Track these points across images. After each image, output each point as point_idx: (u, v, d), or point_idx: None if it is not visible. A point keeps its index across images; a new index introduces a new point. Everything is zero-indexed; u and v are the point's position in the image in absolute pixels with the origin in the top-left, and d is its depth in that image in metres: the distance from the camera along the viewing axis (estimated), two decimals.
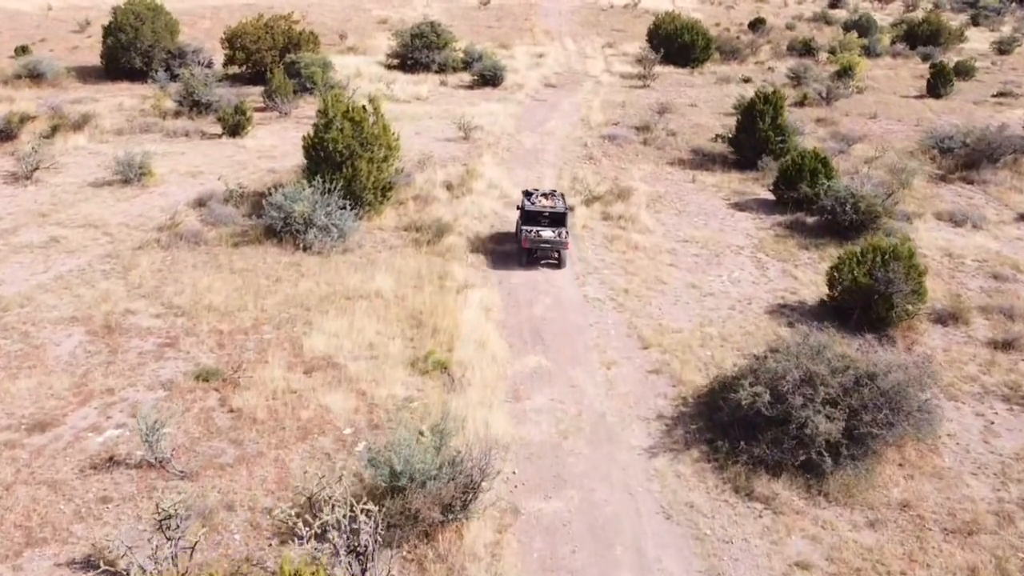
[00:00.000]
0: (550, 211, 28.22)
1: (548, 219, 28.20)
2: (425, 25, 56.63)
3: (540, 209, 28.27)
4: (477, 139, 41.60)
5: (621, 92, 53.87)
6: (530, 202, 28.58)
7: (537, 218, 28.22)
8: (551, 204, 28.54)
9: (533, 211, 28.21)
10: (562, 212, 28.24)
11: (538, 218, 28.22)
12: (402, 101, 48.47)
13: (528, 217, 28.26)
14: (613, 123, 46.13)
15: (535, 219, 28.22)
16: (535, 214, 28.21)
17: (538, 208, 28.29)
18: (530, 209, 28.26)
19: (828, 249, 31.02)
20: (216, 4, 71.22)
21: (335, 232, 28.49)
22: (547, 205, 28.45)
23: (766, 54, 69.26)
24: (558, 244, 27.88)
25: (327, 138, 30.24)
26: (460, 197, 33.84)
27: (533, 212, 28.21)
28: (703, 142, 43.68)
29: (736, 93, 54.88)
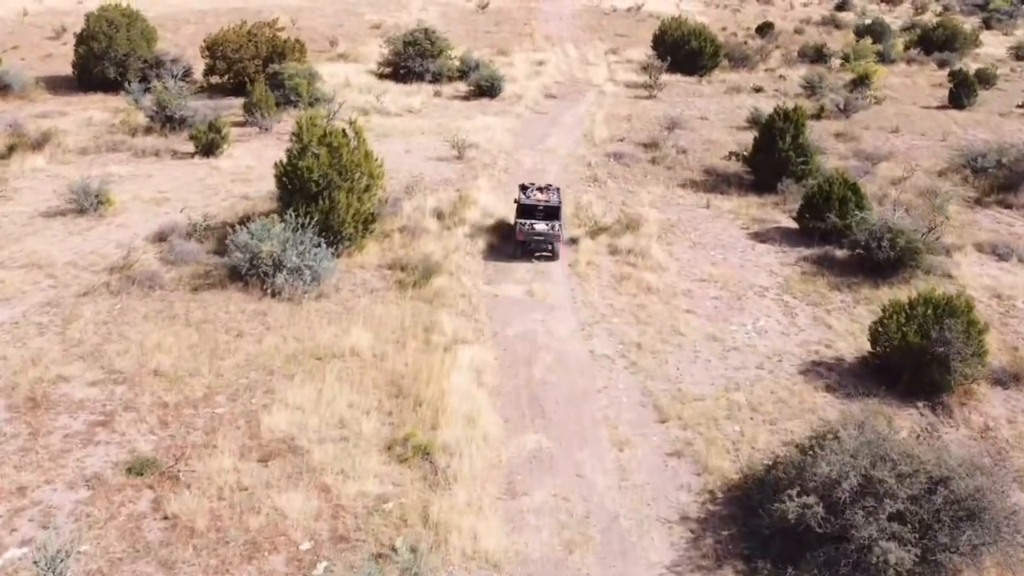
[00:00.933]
0: (544, 205, 28.75)
1: (543, 212, 28.67)
2: (419, 32, 52.95)
3: (535, 203, 28.79)
4: (472, 158, 37.95)
5: (626, 103, 50.20)
6: (526, 196, 29.10)
7: (532, 211, 28.70)
8: (545, 198, 29.03)
9: (528, 204, 28.80)
10: (556, 206, 28.82)
11: (533, 211, 28.70)
12: (393, 115, 44.81)
13: (523, 210, 28.76)
14: (619, 139, 42.47)
15: (530, 212, 28.70)
16: (530, 207, 28.76)
17: (533, 202, 28.82)
18: (525, 203, 28.85)
19: (863, 290, 27.41)
20: (203, 8, 67.54)
21: (308, 275, 24.87)
22: (542, 199, 28.96)
23: (776, 61, 65.54)
24: (551, 237, 28.32)
25: (301, 166, 26.61)
26: (452, 228, 30.21)
27: (528, 205, 28.79)
28: (716, 160, 40.02)
29: (748, 104, 51.25)
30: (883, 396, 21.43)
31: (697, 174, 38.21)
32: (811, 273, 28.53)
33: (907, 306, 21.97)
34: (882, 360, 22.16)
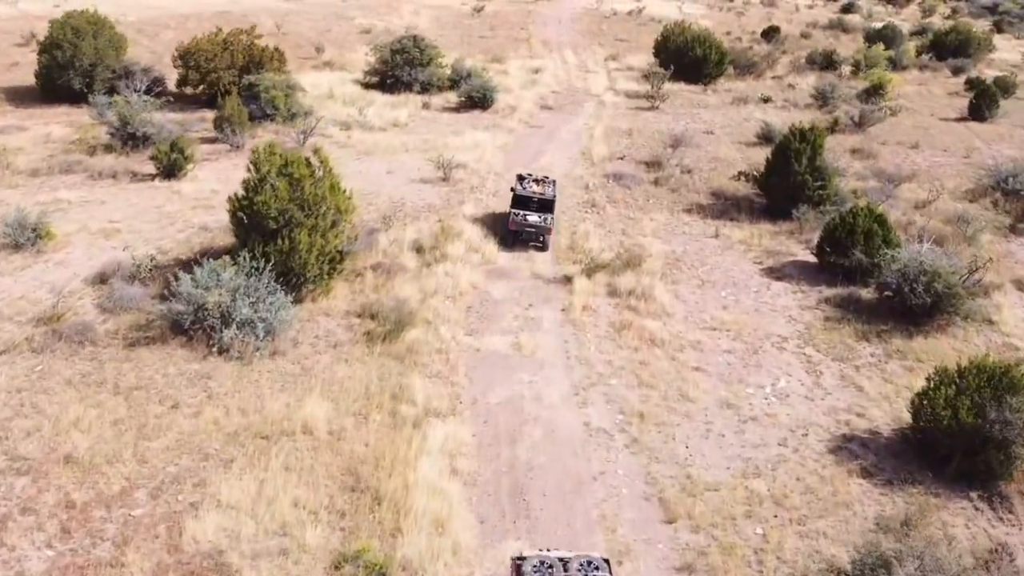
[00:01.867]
0: (539, 197, 28.62)
1: (537, 204, 28.53)
2: (407, 39, 49.39)
3: (530, 194, 28.67)
4: (458, 180, 34.44)
5: (627, 116, 46.67)
6: (522, 187, 29.00)
7: (527, 203, 28.55)
8: (540, 191, 28.87)
9: (523, 195, 28.67)
10: (550, 199, 28.70)
11: (528, 203, 28.55)
12: (376, 129, 41.30)
13: (518, 201, 28.60)
14: (619, 157, 38.95)
15: (525, 203, 28.56)
16: (525, 198, 28.62)
17: (528, 193, 28.71)
18: (520, 194, 28.72)
19: (894, 340, 23.94)
20: (187, 12, 64.07)
21: (261, 328, 21.41)
22: (537, 191, 28.82)
23: (784, 68, 61.97)
24: (543, 229, 28.29)
25: (257, 201, 23.17)
26: (432, 265, 26.74)
27: (523, 196, 28.65)
28: (724, 181, 36.52)
29: (757, 116, 47.73)
30: (929, 483, 18.01)
31: (704, 197, 34.71)
32: (835, 319, 25.06)
33: (956, 376, 18.52)
34: (925, 436, 18.72)
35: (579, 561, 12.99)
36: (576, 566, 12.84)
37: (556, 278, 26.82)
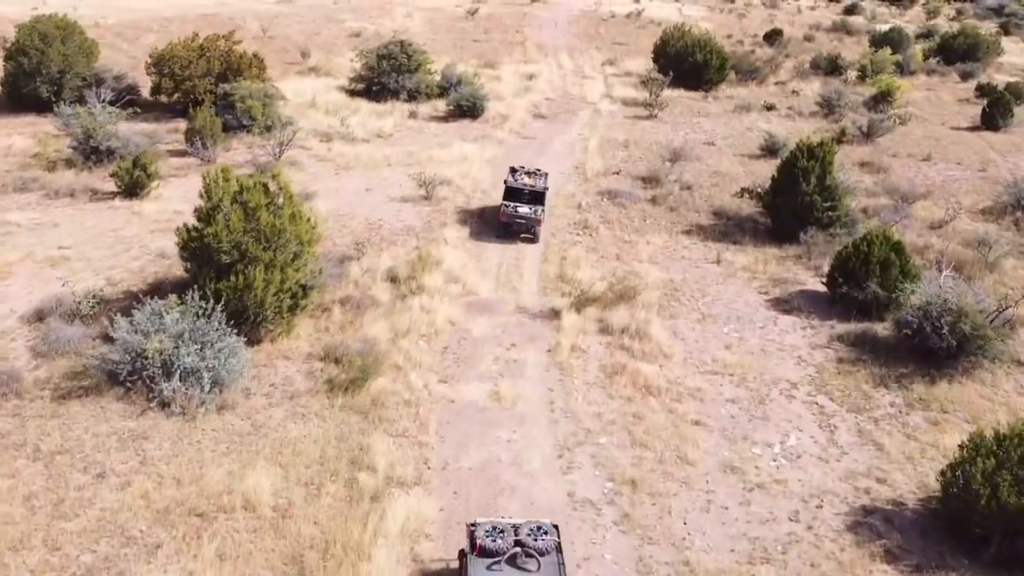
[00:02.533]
0: (530, 189, 28.78)
1: (528, 196, 28.67)
2: (394, 44, 46.82)
3: (521, 186, 28.81)
4: (442, 199, 31.90)
5: (624, 125, 44.11)
6: (514, 179, 29.16)
7: (518, 195, 28.68)
8: (532, 183, 29.02)
9: (515, 187, 28.78)
10: (541, 191, 28.94)
11: (519, 195, 28.68)
12: (359, 141, 38.75)
13: (510, 193, 28.73)
14: (614, 172, 36.38)
15: (516, 195, 28.68)
16: (516, 190, 28.73)
17: (519, 185, 28.84)
18: (512, 185, 28.85)
19: (915, 386, 21.42)
20: (170, 15, 61.53)
21: (208, 379, 18.92)
22: (528, 183, 28.97)
23: (787, 73, 59.38)
24: (533, 221, 28.36)
25: (208, 233, 20.67)
26: (407, 298, 24.21)
27: (515, 188, 28.76)
28: (726, 198, 33.97)
29: (760, 126, 45.16)
30: (964, 571, 15.50)
31: (704, 217, 32.16)
32: (849, 360, 22.53)
33: (995, 445, 16.00)
34: (958, 513, 16.22)
35: (529, 526, 13.65)
36: (526, 531, 13.51)
37: (543, 312, 24.30)
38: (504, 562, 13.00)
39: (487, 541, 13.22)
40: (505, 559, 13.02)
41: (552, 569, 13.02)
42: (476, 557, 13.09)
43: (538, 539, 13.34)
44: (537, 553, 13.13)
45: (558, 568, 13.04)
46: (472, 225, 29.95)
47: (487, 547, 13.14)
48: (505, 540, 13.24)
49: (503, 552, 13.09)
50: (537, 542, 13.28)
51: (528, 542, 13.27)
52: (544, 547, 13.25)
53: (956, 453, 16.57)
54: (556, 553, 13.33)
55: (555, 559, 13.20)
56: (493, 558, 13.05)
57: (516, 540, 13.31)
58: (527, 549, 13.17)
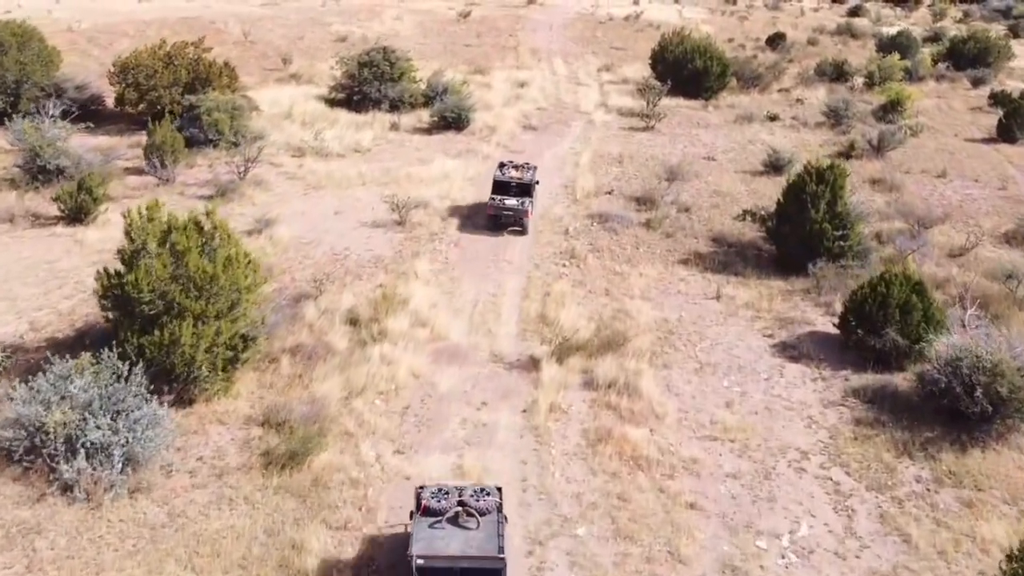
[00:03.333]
0: (517, 182, 28.84)
1: (516, 189, 28.69)
2: (376, 51, 43.82)
3: (508, 179, 28.91)
4: (417, 224, 28.94)
5: (618, 138, 41.10)
6: (502, 173, 29.30)
7: (506, 188, 28.73)
8: (519, 176, 29.13)
9: (502, 181, 28.91)
10: (528, 183, 28.98)
11: (507, 188, 28.73)
12: (334, 156, 35.80)
13: (497, 186, 28.78)
14: (606, 192, 33.36)
15: (504, 189, 28.71)
16: (504, 184, 28.82)
17: (507, 179, 28.95)
18: (499, 179, 28.98)
19: (943, 454, 18.47)
20: (150, 18, 58.60)
21: (119, 456, 16.02)
22: (515, 176, 29.06)
23: (791, 79, 56.33)
24: (520, 212, 28.23)
25: (128, 281, 17.76)
26: (367, 345, 21.26)
27: (502, 182, 28.88)
28: (727, 221, 30.98)
29: (763, 138, 42.12)
30: None
31: (703, 243, 29.17)
32: (866, 422, 19.55)
33: None
34: None
35: (473, 489, 14.26)
36: (470, 493, 14.07)
37: (520, 361, 21.35)
38: (446, 520, 13.57)
39: (432, 502, 13.80)
40: (447, 518, 13.59)
41: (491, 528, 13.56)
42: (421, 516, 13.70)
43: (480, 500, 13.88)
44: (478, 513, 13.70)
45: (496, 527, 13.56)
46: (448, 255, 27.00)
47: (431, 507, 13.73)
48: (449, 501, 13.82)
49: (446, 511, 13.65)
50: (479, 503, 13.85)
51: (470, 503, 13.82)
52: (485, 507, 13.82)
53: (1004, 565, 13.58)
54: (496, 513, 13.87)
55: (495, 518, 13.74)
56: (436, 517, 13.60)
57: (459, 501, 13.84)
58: (468, 509, 13.69)
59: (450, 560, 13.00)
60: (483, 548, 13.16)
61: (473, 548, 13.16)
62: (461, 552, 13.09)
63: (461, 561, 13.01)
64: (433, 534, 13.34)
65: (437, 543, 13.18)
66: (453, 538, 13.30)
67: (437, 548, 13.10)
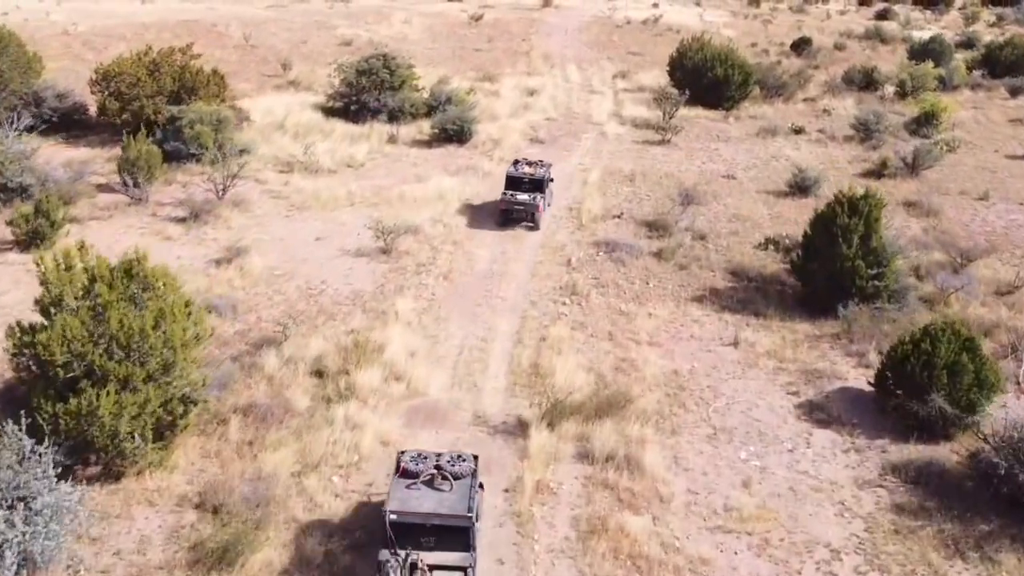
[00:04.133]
0: (530, 177, 28.57)
1: (528, 184, 28.43)
2: (376, 58, 41.07)
3: (521, 175, 28.61)
4: (404, 253, 26.12)
5: (631, 153, 38.07)
6: (515, 169, 28.96)
7: (518, 183, 28.45)
8: (532, 172, 28.75)
9: (515, 176, 28.62)
10: (541, 179, 28.62)
11: (519, 183, 28.45)
12: (325, 172, 33.07)
13: (510, 182, 28.55)
14: (615, 215, 30.35)
15: (516, 184, 28.45)
16: (517, 179, 28.56)
17: (519, 174, 28.65)
18: (512, 175, 28.68)
19: (1003, 556, 15.37)
20: (149, 20, 56.23)
21: (14, 556, 13.30)
22: (528, 172, 28.74)
23: (817, 87, 52.96)
24: (532, 207, 27.92)
25: (39, 341, 15.04)
26: (332, 404, 18.47)
27: (515, 177, 28.60)
28: (747, 251, 27.90)
29: (787, 154, 38.93)
30: None
31: (720, 277, 26.10)
32: (909, 510, 16.42)
33: None
34: None
35: (450, 455, 14.82)
36: (447, 459, 14.62)
37: (507, 425, 18.45)
38: (421, 482, 14.02)
39: (410, 464, 14.33)
40: (422, 479, 14.05)
41: (464, 491, 13.97)
42: (399, 478, 14.18)
43: (456, 465, 14.35)
44: (452, 477, 14.12)
45: (469, 490, 13.96)
46: (435, 290, 24.13)
47: (409, 469, 14.24)
48: (426, 465, 14.29)
49: (422, 474, 14.11)
50: (454, 467, 14.31)
51: (446, 467, 14.27)
52: (460, 472, 14.27)
53: None
54: (471, 478, 14.29)
55: (468, 483, 14.16)
56: (413, 479, 14.05)
57: (436, 465, 14.29)
58: (443, 472, 14.14)
59: (422, 517, 13.50)
60: (454, 508, 13.63)
61: (444, 508, 13.64)
62: (433, 510, 13.55)
63: (432, 519, 13.49)
64: (408, 494, 13.81)
65: (411, 501, 13.69)
66: (426, 498, 13.77)
67: (411, 506, 13.61)
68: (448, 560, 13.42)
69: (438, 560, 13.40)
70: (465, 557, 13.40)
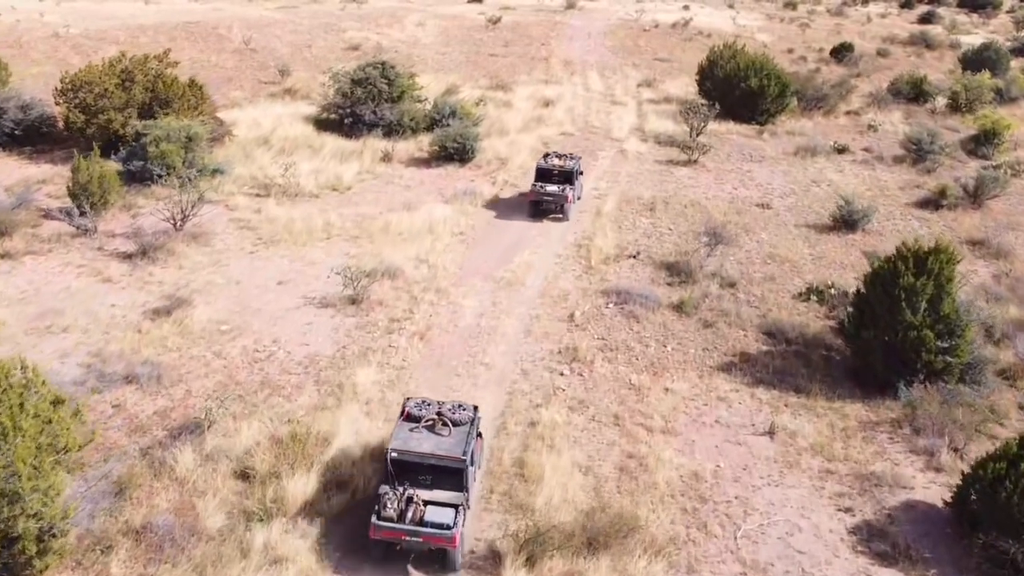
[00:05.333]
0: (559, 169, 28.30)
1: (558, 176, 28.20)
2: (373, 66, 36.78)
3: (551, 167, 28.36)
4: (376, 304, 21.84)
5: (653, 175, 33.49)
6: (545, 161, 28.68)
7: (548, 175, 28.25)
8: (561, 164, 28.46)
9: (545, 168, 28.38)
10: (570, 171, 28.33)
11: (549, 175, 28.25)
12: (305, 196, 28.94)
13: (540, 174, 28.28)
14: (631, 255, 25.86)
15: (546, 176, 28.25)
16: (547, 171, 28.34)
17: (549, 166, 28.39)
18: (542, 167, 28.44)
19: None
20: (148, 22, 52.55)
21: None
22: (557, 164, 28.45)
23: (860, 99, 47.86)
24: (560, 198, 27.72)
25: None
26: (252, 524, 14.27)
27: (545, 169, 28.37)
28: (785, 301, 23.28)
29: (830, 178, 34.11)
30: None
31: (753, 337, 21.49)
32: None
33: None
34: None
35: (452, 404, 15.27)
36: (448, 407, 15.11)
37: (474, 557, 14.10)
38: (423, 426, 14.54)
39: (414, 410, 14.90)
40: (424, 424, 14.58)
41: (461, 436, 14.42)
42: (403, 421, 14.77)
43: (456, 413, 14.85)
44: (452, 423, 14.62)
45: (466, 436, 14.41)
46: (408, 354, 19.82)
47: (412, 414, 14.83)
48: (429, 411, 14.84)
49: (424, 419, 14.65)
50: (454, 415, 14.84)
51: (447, 414, 14.79)
52: (460, 419, 14.79)
53: None
54: (469, 426, 14.73)
55: (466, 429, 14.62)
56: (415, 423, 14.61)
57: (438, 412, 14.82)
58: (444, 419, 14.64)
59: (420, 456, 14.00)
60: (450, 451, 14.07)
61: (441, 449, 14.09)
62: (431, 451, 14.02)
63: (429, 458, 13.98)
64: (410, 436, 14.31)
65: (411, 442, 14.17)
66: (426, 440, 14.24)
67: (411, 446, 14.09)
68: (442, 497, 13.89)
69: (433, 497, 13.89)
70: (458, 496, 13.93)
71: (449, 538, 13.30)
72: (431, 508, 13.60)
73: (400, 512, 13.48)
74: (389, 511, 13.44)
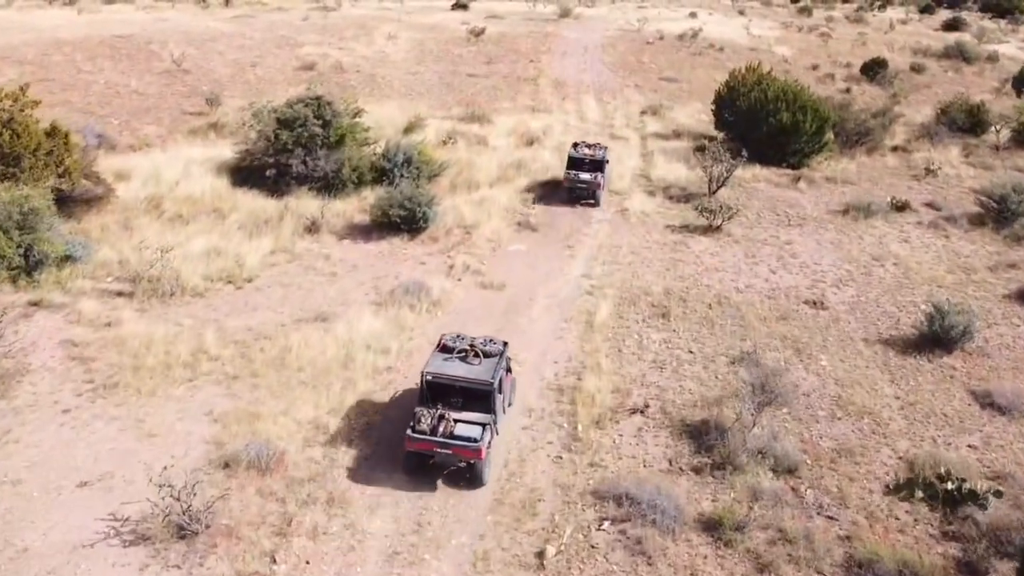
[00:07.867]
0: (590, 158, 28.42)
1: (589, 165, 28.28)
2: (305, 103, 27.85)
3: (582, 156, 28.45)
4: (225, 535, 13.08)
5: (663, 251, 24.76)
6: (576, 151, 28.71)
7: (580, 163, 28.28)
8: (592, 153, 28.70)
9: (577, 157, 28.47)
10: (600, 160, 28.49)
11: (580, 163, 28.27)
12: (186, 295, 20.29)
13: (572, 162, 28.34)
14: (636, 409, 17.05)
15: (578, 164, 28.26)
16: (578, 160, 28.40)
17: (580, 155, 28.49)
18: (573, 156, 28.54)
19: None
20: (75, 36, 43.45)
21: None
22: (588, 153, 28.65)
23: (905, 129, 39.01)
24: (593, 184, 27.76)
25: None
26: None
27: (576, 158, 28.45)
28: (875, 501, 14.49)
29: (894, 253, 25.25)
30: None
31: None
32: None
33: None
34: None
35: (484, 339, 15.94)
36: (481, 341, 15.79)
37: None
38: (456, 356, 15.39)
39: (449, 342, 15.73)
40: (457, 353, 15.43)
41: (490, 366, 15.20)
42: (438, 352, 15.56)
43: (487, 346, 15.58)
44: (483, 355, 15.41)
45: (495, 366, 15.16)
46: None
47: (447, 345, 15.67)
48: (462, 343, 15.63)
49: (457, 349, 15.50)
50: (486, 347, 15.58)
51: (479, 346, 15.56)
52: (490, 351, 15.54)
53: None
54: (499, 357, 15.44)
55: (495, 360, 15.35)
56: (449, 353, 15.45)
57: (470, 344, 15.59)
58: (476, 350, 15.45)
59: (451, 379, 14.90)
60: (480, 376, 14.90)
61: (472, 375, 14.94)
62: (462, 376, 14.91)
63: (460, 382, 14.87)
64: (444, 363, 15.19)
65: (446, 368, 15.07)
66: (459, 367, 15.12)
67: (444, 370, 15.00)
68: (471, 418, 14.52)
69: (463, 417, 14.55)
70: (486, 417, 14.58)
71: (475, 450, 13.96)
72: (461, 425, 14.34)
73: (433, 427, 14.22)
74: (423, 425, 14.21)
